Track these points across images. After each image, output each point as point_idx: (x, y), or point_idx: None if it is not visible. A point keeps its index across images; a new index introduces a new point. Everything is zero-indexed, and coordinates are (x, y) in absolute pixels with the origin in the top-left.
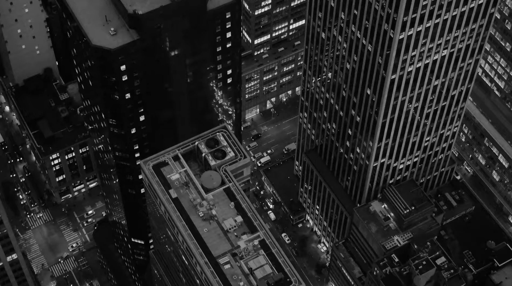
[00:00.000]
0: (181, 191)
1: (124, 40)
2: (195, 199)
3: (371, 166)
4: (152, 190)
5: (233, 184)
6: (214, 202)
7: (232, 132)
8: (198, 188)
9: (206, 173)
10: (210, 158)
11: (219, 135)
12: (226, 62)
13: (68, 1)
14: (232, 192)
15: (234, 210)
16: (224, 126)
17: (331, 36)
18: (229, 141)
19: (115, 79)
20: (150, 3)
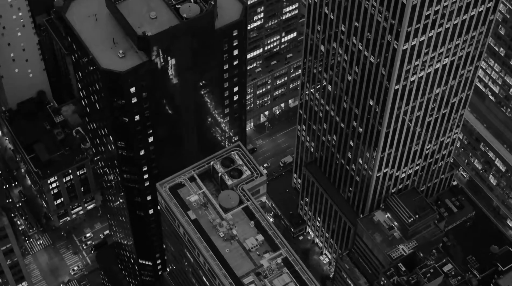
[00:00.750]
0: (200, 212)
1: (133, 62)
2: (214, 220)
3: (375, 176)
4: (170, 211)
5: (251, 202)
6: (233, 221)
7: (246, 150)
8: (217, 208)
9: (223, 192)
10: (227, 177)
11: (234, 154)
12: (233, 80)
13: (74, 24)
14: (251, 211)
15: (254, 228)
16: (238, 144)
17: (330, 48)
18: (244, 160)
19: (124, 102)
20: (158, 24)
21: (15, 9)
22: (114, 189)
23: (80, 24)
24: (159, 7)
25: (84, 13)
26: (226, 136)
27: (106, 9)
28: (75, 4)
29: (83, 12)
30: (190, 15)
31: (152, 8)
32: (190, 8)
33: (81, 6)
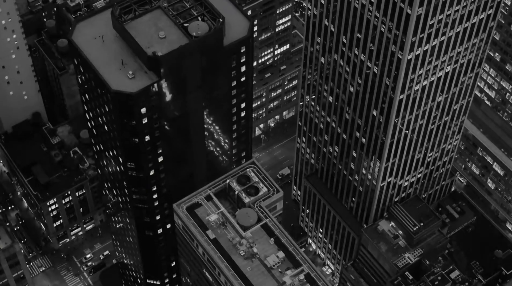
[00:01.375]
0: (219, 231)
1: (143, 83)
2: (234, 238)
3: (379, 186)
4: (188, 232)
5: (269, 219)
6: (253, 239)
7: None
8: (235, 227)
9: (241, 210)
10: (244, 195)
11: (250, 172)
12: (240, 96)
13: (81, 47)
14: (270, 228)
15: (274, 245)
16: (253, 161)
17: (331, 60)
18: (259, 177)
19: (135, 123)
20: (168, 44)
21: (9, 32)
22: (122, 210)
23: (87, 46)
24: (167, 27)
25: (90, 34)
26: (234, 153)
27: (113, 30)
28: (81, 26)
29: (89, 34)
30: (199, 33)
31: (161, 28)
32: (198, 26)
33: (86, 28)
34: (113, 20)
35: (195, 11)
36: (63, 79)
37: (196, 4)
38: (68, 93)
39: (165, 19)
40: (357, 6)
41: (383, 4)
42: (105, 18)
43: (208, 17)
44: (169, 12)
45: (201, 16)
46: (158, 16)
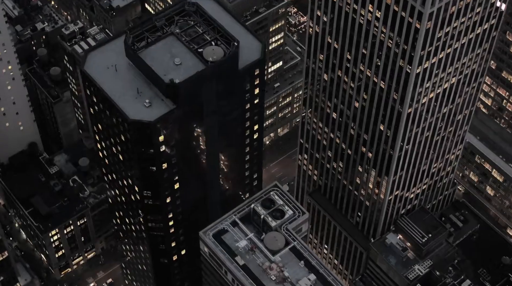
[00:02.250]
0: (248, 257)
1: (160, 110)
2: (263, 263)
3: (386, 199)
4: (216, 259)
5: (297, 242)
6: (283, 263)
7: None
8: (264, 251)
9: (269, 234)
10: (270, 219)
11: (274, 195)
12: (253, 119)
13: (94, 77)
14: (298, 251)
15: (305, 268)
16: (276, 184)
17: (335, 77)
18: (283, 199)
19: (153, 151)
20: (184, 70)
21: (4, 63)
22: (135, 238)
23: (99, 76)
24: (182, 53)
25: (102, 64)
26: (246, 175)
27: (125, 59)
28: (92, 56)
29: (101, 64)
30: (215, 58)
31: (175, 54)
32: (213, 51)
33: (98, 58)
34: (126, 49)
35: (208, 35)
36: (57, 108)
37: (209, 29)
38: (62, 121)
39: (179, 45)
40: (362, 22)
41: (390, 19)
42: (116, 47)
43: (221, 41)
44: (182, 38)
45: (215, 41)
46: (171, 43)
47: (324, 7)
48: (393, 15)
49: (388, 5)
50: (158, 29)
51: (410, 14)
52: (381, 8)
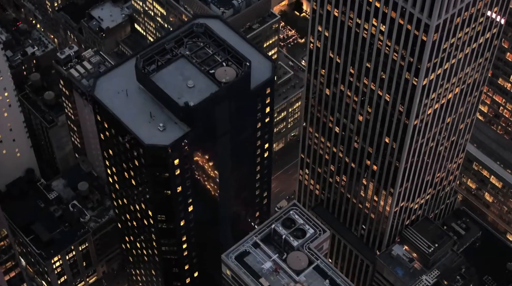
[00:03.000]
0: (272, 278)
1: (175, 134)
2: (288, 284)
3: (392, 211)
4: (240, 281)
5: (321, 260)
6: (308, 282)
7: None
8: (288, 272)
9: (292, 254)
10: (291, 238)
11: (293, 214)
12: (264, 138)
13: (105, 103)
14: (322, 269)
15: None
16: (294, 203)
17: (337, 91)
18: (303, 218)
19: (168, 175)
20: (198, 93)
21: (0, 90)
22: (147, 262)
23: (110, 101)
24: (194, 75)
25: (112, 89)
26: (257, 194)
27: (135, 83)
28: (102, 82)
29: (111, 89)
30: (228, 79)
31: (188, 77)
32: (226, 72)
33: (107, 83)
34: (137, 73)
35: (219, 56)
36: (52, 132)
37: (219, 50)
38: (57, 146)
39: (191, 67)
40: (365, 36)
41: (395, 33)
42: (125, 71)
43: (232, 62)
44: (193, 60)
45: (226, 62)
46: (183, 65)
47: (326, 23)
48: (398, 28)
49: (393, 19)
50: (168, 52)
51: (416, 27)
52: (386, 21)
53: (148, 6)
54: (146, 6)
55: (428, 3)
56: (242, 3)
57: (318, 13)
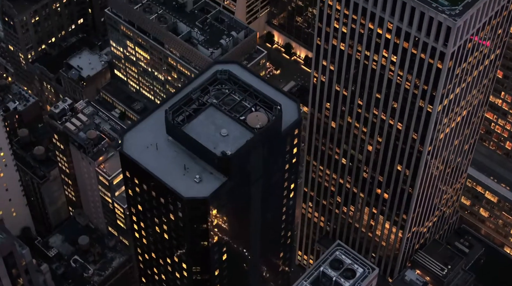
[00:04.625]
0: None
1: (213, 185)
2: None
3: (405, 237)
4: None
5: None
6: None
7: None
8: None
9: None
10: (342, 280)
11: (340, 255)
12: (291, 178)
13: (135, 158)
14: None
15: None
16: (339, 243)
17: (344, 123)
18: (350, 257)
19: (205, 226)
20: (233, 141)
21: None
22: None
23: (141, 157)
24: (226, 123)
25: (141, 144)
26: (282, 234)
27: (163, 136)
28: (128, 137)
29: (140, 144)
30: (260, 124)
31: (220, 125)
32: (258, 117)
33: (134, 138)
34: (167, 126)
35: (247, 102)
36: (44, 188)
37: (246, 95)
38: (50, 201)
39: (221, 115)
40: (375, 67)
41: (407, 62)
42: (150, 125)
43: (261, 106)
44: (222, 108)
45: (254, 107)
46: (212, 114)
47: (331, 57)
48: (411, 58)
49: (405, 49)
50: (194, 101)
51: (431, 55)
52: (398, 52)
53: (129, 51)
54: (127, 51)
55: (443, 32)
56: (229, 42)
57: (323, 48)
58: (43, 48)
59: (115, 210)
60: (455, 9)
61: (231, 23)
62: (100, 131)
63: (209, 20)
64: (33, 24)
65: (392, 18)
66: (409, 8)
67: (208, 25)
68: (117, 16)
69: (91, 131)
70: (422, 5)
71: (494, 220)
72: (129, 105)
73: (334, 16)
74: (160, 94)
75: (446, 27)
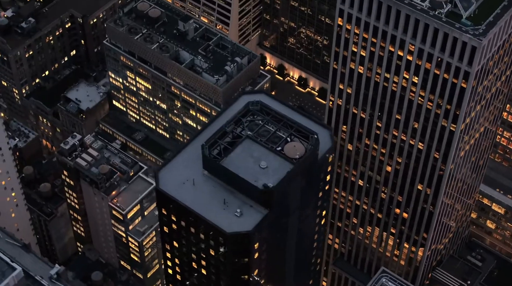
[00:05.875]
0: None
1: (254, 218)
2: None
3: (425, 256)
4: None
5: None
6: None
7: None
8: None
9: None
10: None
11: (386, 281)
12: (323, 205)
13: (173, 194)
14: None
15: None
16: (383, 270)
17: (361, 146)
18: (396, 284)
19: (247, 260)
20: (273, 173)
21: (8, 191)
22: None
23: (178, 193)
24: (264, 155)
25: (177, 180)
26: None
27: (198, 171)
28: (163, 174)
29: (175, 180)
30: (299, 154)
31: (258, 158)
32: (295, 148)
33: (169, 174)
34: (204, 161)
35: (281, 132)
36: (52, 225)
37: (280, 126)
38: (57, 238)
39: (258, 147)
40: (395, 89)
41: (430, 83)
42: (185, 160)
43: (296, 135)
44: (258, 139)
45: (290, 137)
46: (249, 146)
47: (349, 80)
48: (433, 78)
49: (428, 70)
50: (228, 134)
51: (455, 75)
52: (419, 73)
53: (129, 82)
54: (127, 82)
55: (468, 51)
56: (233, 68)
57: (340, 72)
58: (37, 82)
59: (129, 244)
60: (479, 29)
61: (234, 49)
62: (111, 165)
63: (212, 47)
64: (27, 58)
65: (414, 40)
66: (432, 30)
67: (211, 52)
68: (116, 47)
69: (103, 166)
70: (446, 26)
71: (501, 232)
72: (130, 135)
73: (352, 40)
74: (162, 123)
75: (471, 47)
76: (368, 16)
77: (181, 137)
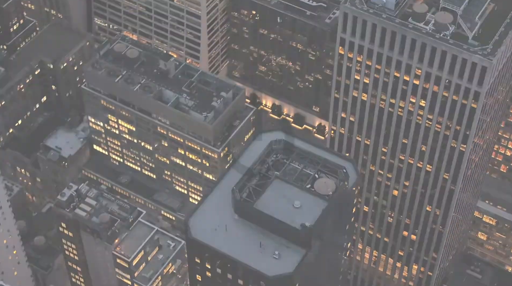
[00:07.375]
0: None
1: (293, 259)
2: None
3: (435, 274)
4: None
5: None
6: None
7: None
8: None
9: None
10: None
11: None
12: (350, 237)
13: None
14: None
15: None
16: None
17: (366, 172)
18: None
19: None
20: (307, 211)
21: (10, 249)
22: None
23: (211, 240)
24: (295, 195)
25: (208, 227)
26: None
27: (228, 215)
28: (193, 222)
29: (206, 227)
30: (330, 191)
31: (290, 197)
32: (326, 184)
33: (200, 222)
34: (236, 205)
35: (308, 169)
36: (50, 278)
37: (307, 163)
38: None
39: (288, 186)
40: (401, 114)
41: (438, 106)
42: (213, 205)
43: (323, 171)
44: (286, 178)
45: (317, 173)
46: (279, 186)
47: (351, 108)
48: (442, 101)
49: (435, 92)
50: (255, 176)
51: (464, 96)
52: (427, 96)
53: (111, 125)
54: (109, 125)
55: (478, 72)
56: (220, 104)
57: (342, 101)
58: (11, 132)
59: None
60: (486, 48)
61: (217, 84)
62: (110, 213)
63: (195, 84)
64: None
65: (421, 63)
66: (440, 52)
67: (195, 88)
68: (95, 90)
69: (103, 215)
70: (454, 47)
71: (493, 242)
72: (115, 179)
73: (354, 68)
74: (148, 164)
75: (481, 67)
76: (371, 43)
77: (169, 177)
